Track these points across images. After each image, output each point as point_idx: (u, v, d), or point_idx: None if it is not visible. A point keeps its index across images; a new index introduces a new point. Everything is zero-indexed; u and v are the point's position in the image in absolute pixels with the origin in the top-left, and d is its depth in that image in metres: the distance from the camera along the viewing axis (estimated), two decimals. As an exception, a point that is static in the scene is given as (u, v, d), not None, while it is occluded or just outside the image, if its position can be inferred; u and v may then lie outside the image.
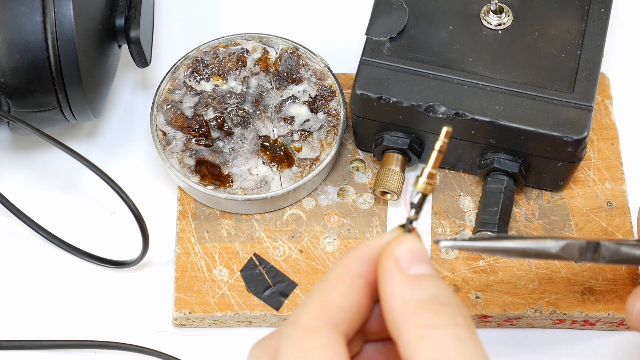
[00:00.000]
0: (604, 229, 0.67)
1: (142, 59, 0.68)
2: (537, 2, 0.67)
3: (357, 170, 0.69)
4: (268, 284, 0.66)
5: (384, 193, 0.66)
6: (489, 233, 0.63)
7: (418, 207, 0.49)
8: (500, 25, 0.67)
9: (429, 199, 0.68)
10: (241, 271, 0.66)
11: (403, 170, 0.66)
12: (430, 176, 0.49)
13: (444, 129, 0.49)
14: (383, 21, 0.66)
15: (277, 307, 0.65)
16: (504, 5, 0.67)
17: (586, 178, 0.69)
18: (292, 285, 0.66)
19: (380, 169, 0.66)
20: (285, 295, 0.65)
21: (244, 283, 0.66)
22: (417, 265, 0.47)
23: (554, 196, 0.68)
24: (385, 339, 0.50)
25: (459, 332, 0.45)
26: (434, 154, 0.50)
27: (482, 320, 0.65)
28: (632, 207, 0.68)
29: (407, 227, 0.49)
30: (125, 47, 0.70)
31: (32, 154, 0.71)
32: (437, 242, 0.50)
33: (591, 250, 0.52)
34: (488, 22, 0.67)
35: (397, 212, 0.68)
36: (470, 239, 0.51)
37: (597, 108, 0.71)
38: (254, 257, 0.67)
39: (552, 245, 0.51)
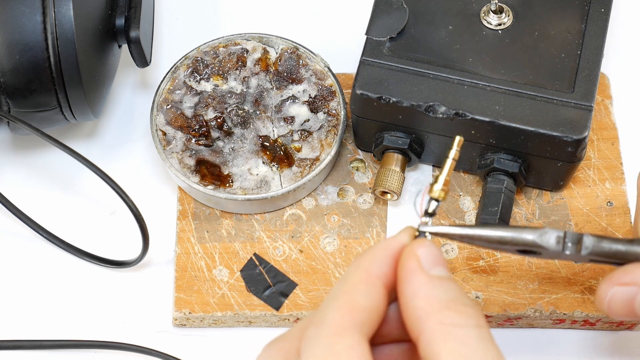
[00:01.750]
0: (604, 229, 0.67)
1: (142, 59, 0.68)
2: (537, 2, 0.67)
3: (357, 170, 0.69)
4: (268, 284, 0.66)
5: (384, 193, 0.66)
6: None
7: (432, 214, 0.51)
8: (500, 25, 0.67)
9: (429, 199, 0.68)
10: (241, 271, 0.66)
11: (403, 170, 0.66)
12: (445, 183, 0.51)
13: (457, 138, 0.52)
14: (383, 21, 0.66)
15: (277, 307, 0.65)
16: (504, 5, 0.67)
17: (586, 178, 0.69)
18: (292, 285, 0.66)
19: (380, 169, 0.66)
20: (285, 295, 0.65)
21: (244, 283, 0.66)
22: (438, 268, 0.49)
23: (554, 196, 0.68)
24: (389, 343, 0.51)
25: (481, 332, 0.47)
26: (449, 162, 0.52)
27: (482, 320, 0.65)
28: (632, 207, 0.68)
29: (423, 234, 0.51)
30: (125, 47, 0.70)
31: (32, 154, 0.71)
32: (424, 236, 0.51)
33: (573, 242, 0.52)
34: (488, 22, 0.67)
35: (398, 212, 0.68)
36: (450, 225, 0.52)
37: (597, 108, 0.71)
38: (254, 257, 0.67)
39: (528, 234, 0.52)
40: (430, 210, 0.51)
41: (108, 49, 0.67)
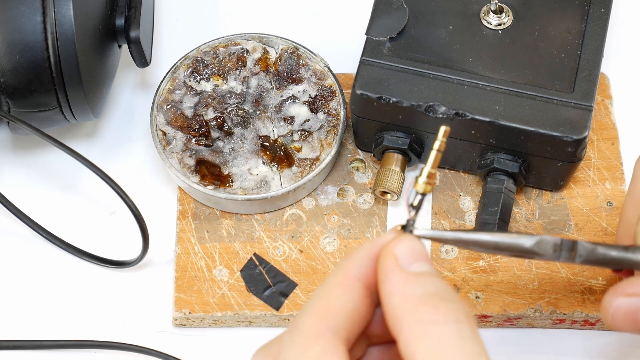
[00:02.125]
0: (604, 229, 0.67)
1: (142, 59, 0.68)
2: (537, 2, 0.67)
3: (357, 170, 0.69)
4: (268, 284, 0.66)
5: (384, 193, 0.66)
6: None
7: (418, 208, 0.50)
8: (500, 25, 0.67)
9: (429, 198, 0.68)
10: (241, 271, 0.66)
11: (403, 170, 0.66)
12: (430, 176, 0.50)
13: (442, 128, 0.50)
14: (383, 21, 0.66)
15: (277, 307, 0.65)
16: (504, 5, 0.67)
17: (586, 178, 0.69)
18: (292, 285, 0.66)
19: (380, 169, 0.66)
20: (285, 295, 0.65)
21: (244, 283, 0.66)
22: (417, 263, 0.47)
23: (554, 196, 0.68)
24: (390, 341, 0.49)
25: (460, 328, 0.45)
26: (433, 154, 0.50)
27: (482, 320, 0.65)
28: (632, 207, 0.68)
29: (409, 228, 0.49)
30: (125, 47, 0.70)
31: (32, 154, 0.71)
32: (410, 231, 0.49)
33: (567, 249, 0.52)
34: (488, 22, 0.67)
35: (398, 212, 0.68)
36: (444, 230, 0.50)
37: (597, 108, 0.71)
38: (254, 257, 0.67)
39: (525, 241, 0.51)
40: (415, 204, 0.50)
41: (108, 49, 0.67)
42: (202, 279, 0.66)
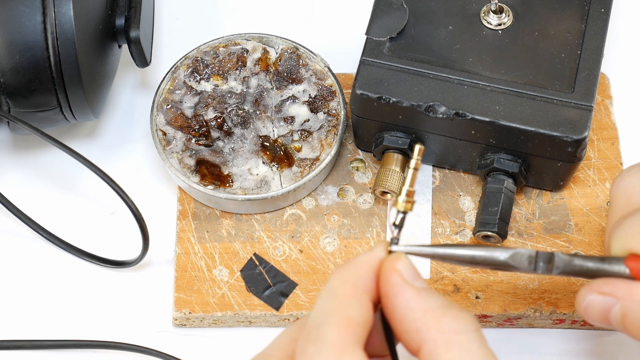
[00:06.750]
0: (604, 229, 0.67)
1: (142, 59, 0.68)
2: (537, 2, 0.67)
3: (357, 170, 0.69)
4: (268, 284, 0.66)
5: (384, 193, 0.66)
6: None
7: (400, 226, 0.52)
8: (500, 25, 0.67)
9: (429, 199, 0.68)
10: (241, 271, 0.66)
11: (403, 170, 0.66)
12: (409, 194, 0.52)
13: (417, 147, 0.52)
14: (383, 21, 0.66)
15: (277, 307, 0.65)
16: (504, 5, 0.67)
17: (586, 178, 0.69)
18: (292, 285, 0.66)
19: (380, 169, 0.66)
20: (285, 295, 0.65)
21: (244, 283, 0.66)
22: (418, 280, 0.50)
23: (554, 196, 0.68)
24: (374, 356, 0.51)
25: (479, 336, 0.48)
26: (410, 172, 0.52)
27: (482, 320, 0.65)
28: (632, 207, 0.68)
29: (391, 247, 0.51)
30: (125, 47, 0.70)
31: (32, 154, 0.71)
32: (390, 246, 0.52)
33: (544, 261, 0.53)
34: (488, 22, 0.67)
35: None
36: (422, 246, 0.52)
37: (597, 108, 0.71)
38: (254, 257, 0.67)
39: (499, 254, 0.52)
40: (397, 223, 0.52)
41: (108, 49, 0.67)
42: (202, 279, 0.66)
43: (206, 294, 0.65)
